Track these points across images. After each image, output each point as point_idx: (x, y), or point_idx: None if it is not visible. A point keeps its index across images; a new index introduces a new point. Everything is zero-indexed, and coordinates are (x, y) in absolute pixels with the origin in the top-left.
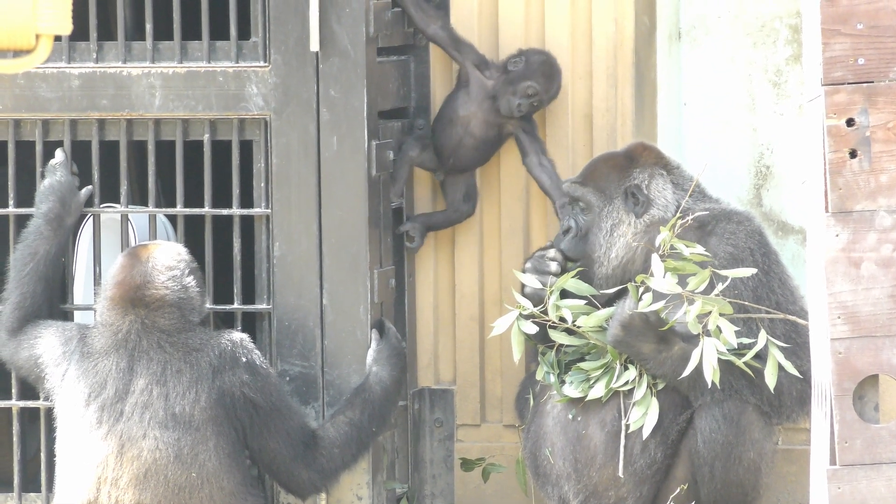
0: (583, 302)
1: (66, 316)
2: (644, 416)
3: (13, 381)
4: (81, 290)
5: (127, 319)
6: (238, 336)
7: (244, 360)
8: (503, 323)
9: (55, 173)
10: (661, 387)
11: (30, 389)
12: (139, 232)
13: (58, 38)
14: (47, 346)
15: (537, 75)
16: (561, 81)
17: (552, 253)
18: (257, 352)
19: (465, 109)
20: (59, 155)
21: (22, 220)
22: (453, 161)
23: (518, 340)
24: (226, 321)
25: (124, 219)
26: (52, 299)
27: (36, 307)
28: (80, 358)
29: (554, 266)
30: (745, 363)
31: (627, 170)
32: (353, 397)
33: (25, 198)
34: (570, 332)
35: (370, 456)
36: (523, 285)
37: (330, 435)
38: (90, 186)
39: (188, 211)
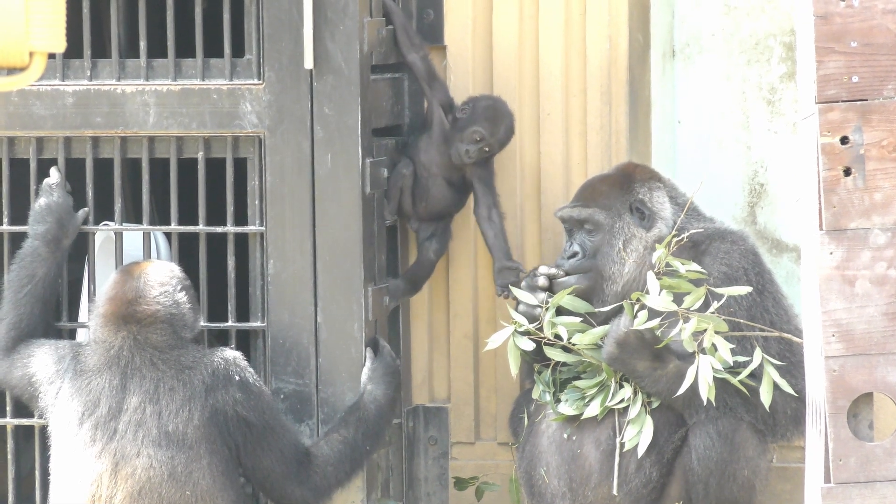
0: (578, 319)
1: (62, 335)
2: (639, 434)
3: (7, 400)
4: (87, 308)
5: (119, 336)
6: (231, 354)
7: (237, 378)
8: (498, 338)
9: (52, 194)
10: (655, 405)
11: (24, 407)
12: (132, 250)
13: (52, 56)
14: (41, 364)
15: (481, 120)
16: (510, 125)
17: (542, 269)
18: (250, 370)
19: (425, 154)
20: (55, 175)
21: (15, 238)
22: (424, 205)
23: (514, 355)
24: (220, 339)
25: (118, 236)
26: (49, 320)
27: (31, 328)
28: (73, 376)
29: (542, 280)
30: (739, 381)
31: (628, 185)
32: (348, 415)
33: (19, 216)
34: (565, 349)
35: (364, 474)
36: (518, 302)
37: (324, 453)
38: (86, 208)
39: (182, 228)
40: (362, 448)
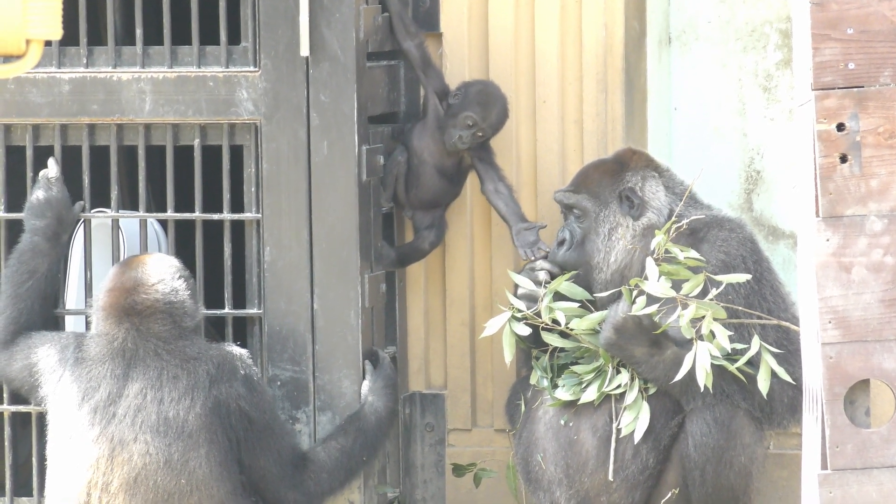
0: (576, 305)
1: (59, 322)
2: (635, 420)
3: (4, 387)
4: (74, 294)
5: (122, 328)
6: (238, 350)
7: (242, 373)
8: (495, 323)
9: (51, 188)
10: (652, 391)
11: (22, 396)
12: (129, 237)
13: (48, 44)
14: (44, 354)
15: (473, 105)
16: (503, 108)
17: (540, 264)
18: (255, 369)
19: (419, 140)
20: (53, 167)
21: (11, 225)
22: (415, 192)
23: (510, 342)
24: (216, 326)
25: (115, 224)
26: (48, 314)
27: (31, 322)
28: (74, 363)
29: (542, 275)
30: (737, 368)
31: (619, 174)
32: (347, 424)
33: (15, 202)
34: (563, 335)
35: None
36: (516, 287)
37: (320, 459)
38: (82, 201)
39: (179, 216)
40: (359, 458)
